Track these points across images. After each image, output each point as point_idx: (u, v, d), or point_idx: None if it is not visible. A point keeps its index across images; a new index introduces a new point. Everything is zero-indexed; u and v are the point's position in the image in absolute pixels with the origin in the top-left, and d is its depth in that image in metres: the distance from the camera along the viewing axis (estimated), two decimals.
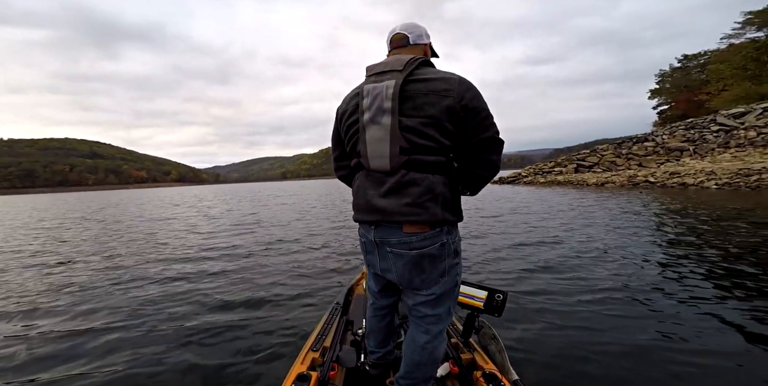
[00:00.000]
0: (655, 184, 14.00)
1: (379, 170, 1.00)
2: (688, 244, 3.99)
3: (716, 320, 2.11)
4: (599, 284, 2.79)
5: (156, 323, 2.34)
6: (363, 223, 1.09)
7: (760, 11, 28.66)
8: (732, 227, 4.83)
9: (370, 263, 1.14)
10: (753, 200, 8.16)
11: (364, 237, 1.11)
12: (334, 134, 1.20)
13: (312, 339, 1.52)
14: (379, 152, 0.98)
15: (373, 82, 1.01)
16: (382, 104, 0.97)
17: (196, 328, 2.23)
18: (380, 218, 1.00)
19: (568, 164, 22.15)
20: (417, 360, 1.09)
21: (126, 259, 4.38)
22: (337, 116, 1.15)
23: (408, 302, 1.11)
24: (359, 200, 1.07)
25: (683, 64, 39.14)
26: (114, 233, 6.97)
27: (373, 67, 1.06)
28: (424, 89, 0.95)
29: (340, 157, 1.22)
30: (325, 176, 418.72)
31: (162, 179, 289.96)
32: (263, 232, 6.38)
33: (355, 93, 1.08)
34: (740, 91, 24.47)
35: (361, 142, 1.02)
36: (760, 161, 14.08)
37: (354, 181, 1.13)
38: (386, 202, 0.98)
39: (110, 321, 2.40)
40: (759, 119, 19.11)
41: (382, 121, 0.97)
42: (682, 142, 20.02)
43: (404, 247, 0.99)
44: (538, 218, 6.63)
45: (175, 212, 12.11)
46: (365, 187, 1.04)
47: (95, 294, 3.00)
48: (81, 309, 2.64)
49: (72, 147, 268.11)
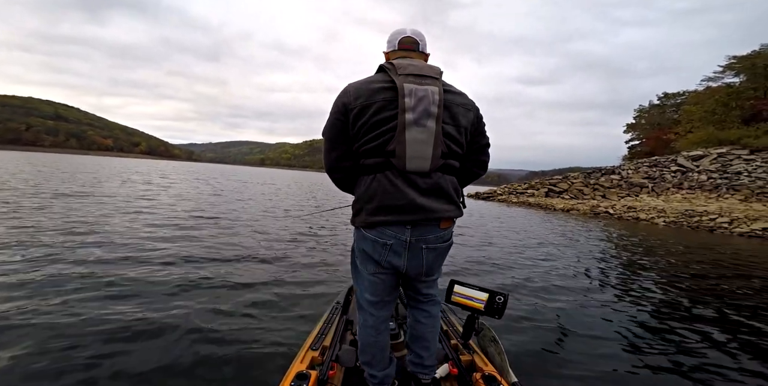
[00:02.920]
0: (613, 215, 15.12)
1: (416, 171, 1.02)
2: (644, 264, 4.56)
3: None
4: (591, 293, 3.19)
5: (149, 322, 2.23)
6: (394, 225, 1.05)
7: (742, 57, 29.30)
8: (657, 254, 5.57)
9: (391, 265, 1.10)
10: (688, 237, 9.15)
11: (391, 239, 1.06)
12: (335, 131, 1.08)
13: (312, 337, 1.51)
14: (420, 154, 1.00)
15: (413, 83, 1.00)
16: (429, 108, 0.99)
17: (194, 327, 2.17)
18: (422, 217, 1.04)
19: (540, 188, 23.31)
20: (436, 330, 1.25)
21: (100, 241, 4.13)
22: (348, 110, 1.04)
23: (422, 290, 1.22)
24: (393, 200, 1.02)
25: (662, 102, 40.64)
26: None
27: (405, 66, 1.03)
28: (456, 101, 1.07)
29: (343, 156, 1.11)
30: (306, 167, 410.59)
31: (129, 149, 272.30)
32: (261, 227, 6.32)
33: (380, 87, 1.02)
34: (703, 134, 25.41)
35: (397, 141, 0.99)
36: (704, 205, 15.60)
37: (368, 182, 1.06)
38: (428, 201, 1.03)
39: (109, 320, 2.23)
40: (712, 163, 21.04)
41: (428, 124, 1.00)
42: (643, 178, 21.66)
43: (439, 241, 1.09)
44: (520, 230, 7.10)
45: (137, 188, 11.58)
46: (399, 187, 1.02)
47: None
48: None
49: (34, 107, 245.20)
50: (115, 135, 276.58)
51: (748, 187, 17.11)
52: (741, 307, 3.20)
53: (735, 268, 5.28)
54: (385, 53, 1.20)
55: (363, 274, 1.18)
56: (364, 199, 1.07)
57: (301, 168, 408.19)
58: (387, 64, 1.07)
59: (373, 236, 1.08)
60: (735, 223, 11.74)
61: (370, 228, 1.08)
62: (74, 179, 12.88)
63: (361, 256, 1.16)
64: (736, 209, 13.94)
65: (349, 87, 1.07)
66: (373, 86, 1.03)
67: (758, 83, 28.15)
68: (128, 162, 57.84)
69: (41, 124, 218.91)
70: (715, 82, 31.93)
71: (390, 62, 1.07)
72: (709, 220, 12.41)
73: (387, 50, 1.19)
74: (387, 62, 1.09)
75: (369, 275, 1.15)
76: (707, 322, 2.75)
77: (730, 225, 11.59)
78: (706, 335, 2.47)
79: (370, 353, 1.21)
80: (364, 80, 1.07)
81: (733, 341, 2.40)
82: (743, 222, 11.67)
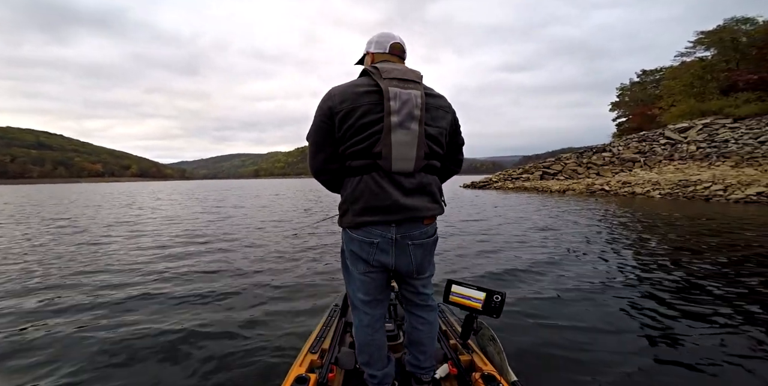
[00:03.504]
0: (609, 192, 15.23)
1: (400, 171, 1.06)
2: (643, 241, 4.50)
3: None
4: (587, 284, 3.02)
5: (148, 326, 2.29)
6: (380, 224, 1.09)
7: (710, 32, 30.48)
8: (655, 227, 5.59)
9: (380, 263, 1.13)
10: (684, 208, 9.17)
11: (377, 238, 1.09)
12: (321, 134, 1.11)
13: (311, 340, 1.51)
14: (405, 155, 1.05)
15: (398, 86, 1.05)
16: (413, 111, 1.04)
17: (194, 329, 2.21)
18: (407, 216, 1.08)
19: (534, 171, 23.43)
20: (433, 335, 1.28)
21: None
22: (333, 113, 1.07)
23: (418, 289, 1.23)
24: (379, 201, 1.06)
25: (641, 79, 41.47)
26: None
27: (390, 71, 1.07)
28: (436, 104, 1.13)
29: (330, 159, 1.13)
30: (300, 175, 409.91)
31: (120, 173, 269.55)
32: (263, 231, 6.26)
33: (365, 91, 1.05)
34: (686, 107, 26.25)
35: (383, 144, 1.03)
36: (697, 174, 15.76)
37: (354, 183, 1.09)
38: (411, 201, 1.08)
39: (107, 321, 2.35)
40: (699, 134, 21.34)
41: (411, 127, 1.05)
42: (634, 153, 21.88)
43: (424, 236, 1.14)
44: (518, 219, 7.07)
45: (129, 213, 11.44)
46: (384, 188, 1.06)
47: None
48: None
49: (14, 136, 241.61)
50: (104, 160, 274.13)
51: (738, 153, 17.34)
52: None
53: (746, 241, 5.19)
54: (371, 53, 1.22)
55: (354, 274, 1.20)
56: (350, 200, 1.10)
57: (296, 176, 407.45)
58: (371, 69, 1.11)
59: (360, 237, 1.11)
60: (729, 190, 11.82)
61: (356, 229, 1.11)
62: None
63: (351, 256, 1.18)
64: (729, 176, 14.07)
65: (334, 91, 1.09)
66: (358, 90, 1.06)
67: (728, 56, 29.14)
68: (127, 187, 57.60)
69: (25, 154, 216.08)
70: (689, 57, 33.01)
71: (374, 66, 1.11)
72: (704, 189, 12.51)
73: (374, 51, 1.21)
74: (371, 66, 1.13)
75: (360, 274, 1.18)
76: (719, 310, 2.45)
77: (725, 193, 11.67)
78: (719, 325, 2.24)
79: (368, 352, 1.23)
80: (349, 84, 1.10)
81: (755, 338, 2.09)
82: (737, 188, 11.76)
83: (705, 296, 2.78)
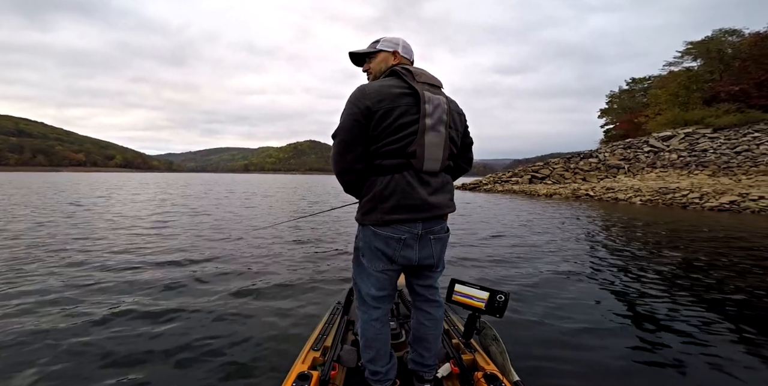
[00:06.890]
0: (593, 197, 15.70)
1: (429, 171, 1.14)
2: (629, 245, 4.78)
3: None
4: (590, 285, 3.11)
5: (150, 321, 2.29)
6: (409, 222, 1.14)
7: (698, 42, 31.15)
8: (630, 230, 6.10)
9: (405, 259, 1.16)
10: (664, 215, 9.56)
11: (405, 234, 1.14)
12: (354, 133, 1.11)
13: (313, 338, 1.52)
14: (435, 156, 1.13)
15: (429, 91, 1.14)
16: (442, 115, 1.14)
17: (194, 327, 2.21)
18: (434, 214, 1.16)
19: (523, 175, 23.86)
20: (438, 333, 1.32)
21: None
22: (371, 112, 1.09)
23: (430, 283, 1.29)
24: (410, 200, 1.12)
25: (630, 87, 42.21)
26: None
27: (420, 74, 1.17)
28: (456, 109, 1.24)
29: (358, 159, 1.15)
30: (291, 171, 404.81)
31: (103, 163, 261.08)
32: (259, 228, 6.27)
33: (401, 92, 1.11)
34: (670, 116, 26.74)
35: (418, 144, 1.10)
36: (676, 182, 16.41)
37: (385, 182, 1.12)
38: (436, 199, 1.16)
39: (106, 321, 2.31)
40: (681, 142, 22.07)
41: (441, 130, 1.14)
42: (619, 160, 22.51)
43: (442, 231, 1.23)
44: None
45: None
46: (414, 187, 1.12)
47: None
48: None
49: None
50: (87, 149, 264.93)
51: (715, 163, 18.07)
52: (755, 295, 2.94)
53: (729, 244, 5.49)
54: (398, 54, 1.26)
55: (370, 271, 1.21)
56: (379, 198, 1.13)
57: (287, 171, 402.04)
58: (402, 70, 1.17)
59: (387, 233, 1.14)
60: (705, 198, 12.39)
61: (384, 226, 1.14)
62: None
63: (370, 254, 1.19)
64: (705, 184, 14.71)
65: (369, 89, 1.11)
66: (394, 91, 1.11)
67: (713, 67, 29.82)
68: (116, 177, 55.52)
69: (3, 141, 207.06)
70: (676, 66, 33.54)
71: (405, 68, 1.18)
72: (682, 196, 13.05)
73: (402, 54, 1.27)
74: (402, 68, 1.18)
75: (377, 272, 1.20)
76: (714, 310, 2.59)
77: (701, 200, 12.23)
78: (713, 324, 2.34)
79: (375, 347, 1.24)
80: (382, 84, 1.14)
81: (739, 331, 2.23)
82: (712, 197, 12.34)
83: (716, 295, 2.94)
